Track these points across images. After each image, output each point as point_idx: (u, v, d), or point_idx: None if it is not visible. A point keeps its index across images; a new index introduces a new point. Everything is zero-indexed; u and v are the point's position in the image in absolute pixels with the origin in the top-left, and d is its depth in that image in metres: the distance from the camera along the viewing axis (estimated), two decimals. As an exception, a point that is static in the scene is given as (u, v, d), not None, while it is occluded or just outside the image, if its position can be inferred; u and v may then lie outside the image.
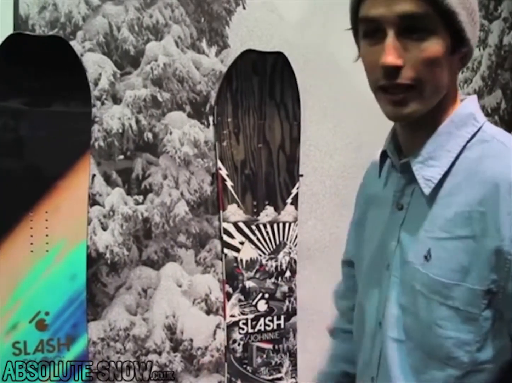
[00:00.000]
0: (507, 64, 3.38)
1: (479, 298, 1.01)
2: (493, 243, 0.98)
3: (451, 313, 1.04)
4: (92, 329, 2.13)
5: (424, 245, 1.08)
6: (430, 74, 1.00)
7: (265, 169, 2.49)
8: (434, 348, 1.07)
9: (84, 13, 2.11)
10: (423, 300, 1.07)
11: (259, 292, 2.50)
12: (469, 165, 1.05)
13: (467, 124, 1.08)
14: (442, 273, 1.05)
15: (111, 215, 2.14)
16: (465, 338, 1.03)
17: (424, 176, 1.08)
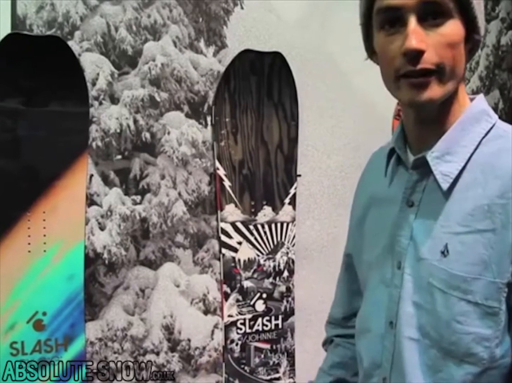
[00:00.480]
0: (505, 64, 3.39)
1: (499, 292, 1.01)
2: None
3: (470, 308, 1.04)
4: (90, 329, 2.13)
5: (440, 240, 1.08)
6: (451, 58, 1.02)
7: (263, 169, 2.49)
8: (452, 345, 1.06)
9: (82, 13, 2.11)
10: (441, 296, 1.07)
11: (257, 292, 2.50)
12: (486, 159, 1.06)
13: (481, 120, 1.10)
14: (461, 267, 1.04)
15: (109, 215, 2.14)
16: (485, 333, 1.03)
17: (442, 172, 1.08)
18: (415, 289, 1.12)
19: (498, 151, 1.06)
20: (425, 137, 1.13)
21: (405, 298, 1.14)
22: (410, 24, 1.00)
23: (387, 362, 1.18)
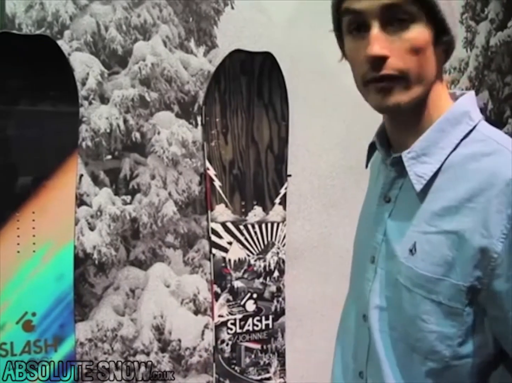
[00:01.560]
0: (494, 65, 3.41)
1: (462, 294, 1.01)
2: (480, 240, 0.98)
3: (434, 307, 1.04)
4: (80, 329, 2.12)
5: (410, 238, 1.08)
6: (416, 63, 1.01)
7: (253, 170, 2.49)
8: (417, 341, 1.07)
9: (71, 13, 2.10)
10: (406, 293, 1.07)
11: (248, 292, 2.50)
12: (461, 162, 1.05)
13: (461, 122, 1.08)
14: (426, 267, 1.04)
15: (99, 215, 2.14)
16: (448, 332, 1.03)
17: (416, 173, 1.08)
18: (386, 284, 1.13)
19: (473, 154, 1.04)
20: (402, 137, 1.13)
21: (376, 293, 1.14)
22: (373, 30, 0.99)
23: (362, 355, 1.18)
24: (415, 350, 1.07)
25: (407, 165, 1.08)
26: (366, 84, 1.04)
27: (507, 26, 3.39)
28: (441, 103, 1.10)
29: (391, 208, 1.15)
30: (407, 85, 1.02)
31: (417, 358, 1.07)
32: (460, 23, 3.26)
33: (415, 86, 1.03)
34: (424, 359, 1.06)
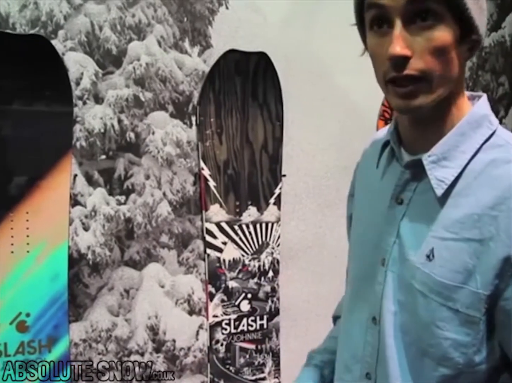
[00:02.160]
0: (488, 65, 3.41)
1: (481, 302, 1.01)
2: (502, 248, 0.98)
3: (450, 314, 1.03)
4: (74, 330, 2.12)
5: (427, 243, 1.07)
6: (439, 64, 0.99)
7: (248, 170, 2.49)
8: (430, 347, 1.07)
9: (65, 12, 2.10)
10: (422, 299, 1.06)
11: (242, 292, 2.50)
12: (482, 168, 1.04)
13: (482, 126, 1.07)
14: (445, 274, 1.03)
15: (93, 215, 2.13)
16: (463, 340, 1.03)
17: (437, 177, 1.06)
18: (398, 287, 1.12)
19: (495, 161, 1.03)
20: (420, 138, 1.11)
21: (388, 296, 1.14)
22: (396, 28, 0.97)
23: (371, 357, 1.18)
24: (427, 355, 1.07)
25: (427, 169, 1.06)
26: (387, 84, 1.02)
27: (501, 26, 3.39)
28: (463, 105, 1.09)
29: (404, 210, 1.13)
30: (430, 87, 1.00)
31: (429, 363, 1.07)
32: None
33: (439, 88, 1.01)
34: (437, 365, 1.06)
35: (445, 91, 1.02)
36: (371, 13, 1.01)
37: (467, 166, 1.04)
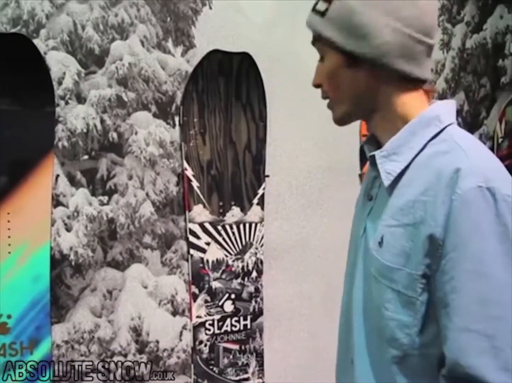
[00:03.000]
0: (470, 67, 3.45)
1: (415, 283, 1.08)
2: (428, 229, 1.05)
3: (394, 296, 1.11)
4: (56, 331, 2.10)
5: (379, 232, 1.16)
6: (331, 86, 1.19)
7: (231, 170, 2.49)
8: (381, 329, 1.14)
9: (47, 11, 2.08)
10: (375, 283, 1.15)
11: (226, 292, 2.49)
12: (424, 160, 1.13)
13: (431, 125, 1.16)
14: (389, 258, 1.12)
15: (75, 215, 2.12)
16: (406, 321, 1.10)
17: (386, 170, 1.16)
18: (363, 277, 1.21)
19: (434, 153, 1.13)
20: (382, 139, 1.22)
21: (357, 286, 1.23)
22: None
23: (352, 345, 1.25)
24: (381, 338, 1.14)
25: (378, 163, 1.17)
26: None
27: (482, 28, 3.44)
28: (413, 109, 1.19)
29: (371, 205, 1.24)
30: (332, 105, 1.22)
31: (384, 345, 1.14)
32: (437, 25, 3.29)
33: (337, 105, 1.21)
34: (388, 347, 1.12)
35: (347, 106, 1.22)
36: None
37: (414, 160, 1.15)
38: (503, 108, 3.47)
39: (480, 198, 1.03)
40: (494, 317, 1.01)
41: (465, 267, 1.02)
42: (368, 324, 1.20)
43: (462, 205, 1.03)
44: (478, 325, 1.02)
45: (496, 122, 3.48)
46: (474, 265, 1.02)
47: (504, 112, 3.47)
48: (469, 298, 1.02)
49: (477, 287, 1.02)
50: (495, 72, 3.49)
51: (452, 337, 1.04)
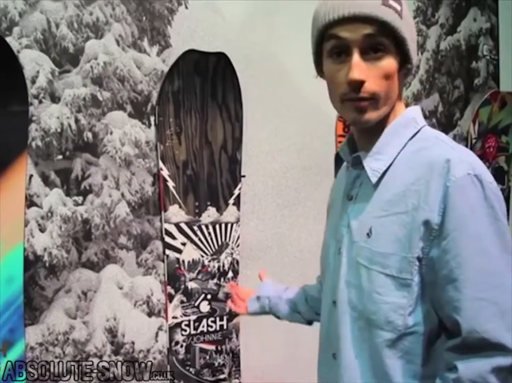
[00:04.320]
0: (444, 68, 3.48)
1: (411, 265, 1.19)
2: (423, 214, 1.17)
3: (388, 280, 1.21)
4: (30, 333, 2.07)
5: (367, 224, 1.27)
6: (386, 87, 1.22)
7: (207, 170, 2.48)
8: (373, 314, 1.23)
9: (20, 9, 2.05)
10: (365, 271, 1.25)
11: (202, 293, 2.49)
12: (408, 156, 1.26)
13: (409, 126, 1.30)
14: (381, 245, 1.23)
15: (49, 216, 2.09)
16: (400, 302, 1.20)
17: (372, 168, 1.28)
18: (348, 269, 1.31)
19: (417, 149, 1.25)
20: (366, 141, 1.32)
21: (341, 278, 1.32)
22: (354, 57, 1.19)
23: (335, 338, 1.34)
24: (372, 324, 1.24)
25: (364, 162, 1.29)
26: (343, 101, 1.24)
27: (456, 30, 3.47)
28: (398, 112, 1.32)
29: (353, 203, 1.34)
30: (377, 106, 1.23)
31: (374, 331, 1.24)
32: (411, 26, 3.32)
33: (384, 106, 1.25)
34: (381, 331, 1.23)
35: (388, 108, 1.27)
36: (332, 43, 1.23)
37: (397, 158, 1.27)
38: (477, 110, 3.51)
39: (471, 184, 1.16)
40: (496, 285, 1.15)
41: (468, 245, 1.15)
42: (355, 313, 1.28)
43: (457, 189, 1.15)
44: (486, 293, 1.14)
45: (470, 123, 3.51)
46: (474, 243, 1.15)
47: (478, 113, 3.51)
48: (475, 271, 1.15)
49: (479, 261, 1.15)
50: (469, 74, 3.52)
51: (465, 306, 1.15)
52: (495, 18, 3.75)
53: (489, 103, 3.60)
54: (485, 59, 3.70)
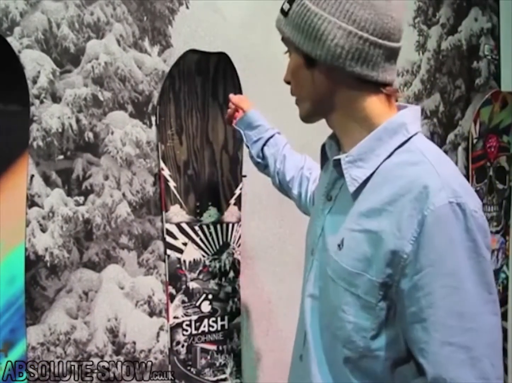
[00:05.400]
0: (445, 68, 3.48)
1: (375, 289, 1.12)
2: (393, 241, 1.08)
3: (353, 299, 1.15)
4: (31, 333, 2.08)
5: (340, 235, 1.20)
6: (294, 83, 1.29)
7: (208, 170, 2.48)
8: (337, 330, 1.19)
9: (22, 9, 2.05)
10: (332, 285, 1.20)
11: (203, 293, 2.49)
12: (390, 169, 1.16)
13: (398, 133, 1.19)
14: (349, 262, 1.16)
15: (51, 216, 2.09)
16: (363, 324, 1.14)
17: (352, 176, 1.20)
18: (319, 275, 1.28)
19: (400, 163, 1.15)
20: (344, 141, 1.29)
21: (310, 282, 1.30)
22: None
23: (301, 340, 1.32)
24: (336, 338, 1.20)
25: (344, 168, 1.22)
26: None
27: (457, 30, 3.47)
28: (374, 113, 1.22)
29: (331, 205, 1.30)
30: (297, 103, 1.32)
31: (338, 345, 1.20)
32: (412, 26, 3.33)
33: (300, 103, 1.31)
34: (343, 347, 1.18)
35: (310, 105, 1.28)
36: None
37: (380, 167, 1.18)
38: (478, 110, 3.51)
39: (451, 214, 1.05)
40: (470, 329, 1.04)
41: (443, 282, 1.04)
42: (322, 322, 1.24)
43: (435, 220, 1.05)
44: (457, 338, 1.04)
45: (471, 123, 3.51)
46: (450, 280, 1.04)
47: (479, 113, 3.51)
48: (447, 312, 1.05)
49: (453, 301, 1.04)
50: (470, 74, 3.52)
51: (433, 351, 1.05)
52: (496, 18, 3.76)
53: (490, 103, 3.60)
54: (486, 59, 3.71)
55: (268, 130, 2.04)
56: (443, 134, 3.52)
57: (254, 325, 2.70)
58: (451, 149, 3.55)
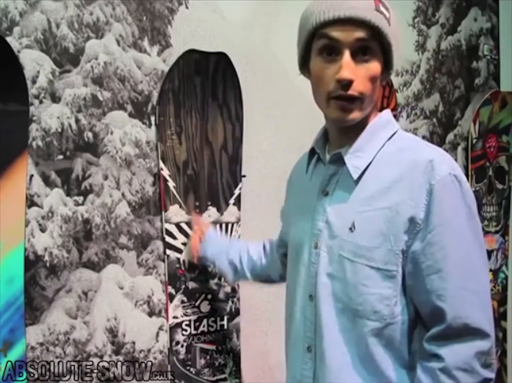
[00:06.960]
0: (445, 68, 3.48)
1: (396, 257, 1.28)
2: (408, 210, 1.26)
3: (373, 272, 1.29)
4: (31, 333, 2.08)
5: (349, 219, 1.34)
6: (371, 89, 1.31)
7: (208, 170, 2.48)
8: (359, 305, 1.31)
9: (21, 9, 2.05)
10: (349, 264, 1.32)
11: (202, 293, 2.49)
12: (389, 156, 1.35)
13: (386, 127, 1.41)
14: (365, 239, 1.30)
15: (50, 216, 2.09)
16: (385, 293, 1.29)
17: (353, 165, 1.36)
18: (329, 262, 1.37)
19: (398, 149, 1.35)
20: (344, 140, 1.41)
21: (321, 272, 1.38)
22: (345, 57, 1.26)
23: (310, 331, 1.41)
24: (357, 315, 1.32)
25: (346, 159, 1.38)
26: (329, 100, 1.31)
27: (457, 30, 3.47)
28: (374, 115, 1.43)
29: (329, 200, 1.41)
30: (362, 106, 1.32)
31: (359, 322, 1.32)
32: (412, 26, 3.34)
33: (368, 106, 1.34)
34: (367, 320, 1.31)
35: (371, 109, 1.37)
36: (323, 42, 1.29)
37: (376, 157, 1.36)
38: (477, 109, 3.51)
39: (451, 183, 1.26)
40: (477, 279, 1.27)
41: (453, 238, 1.25)
42: (338, 306, 1.35)
43: (441, 188, 1.25)
44: (470, 284, 1.25)
45: (470, 123, 3.51)
46: (458, 237, 1.25)
47: (478, 113, 3.51)
48: (459, 263, 1.25)
49: (463, 254, 1.26)
50: (469, 74, 3.53)
51: (451, 294, 1.25)
52: (495, 18, 3.76)
53: (489, 103, 3.60)
54: (485, 59, 3.71)
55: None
56: (443, 134, 3.52)
57: (253, 325, 2.70)
58: (451, 149, 3.55)
